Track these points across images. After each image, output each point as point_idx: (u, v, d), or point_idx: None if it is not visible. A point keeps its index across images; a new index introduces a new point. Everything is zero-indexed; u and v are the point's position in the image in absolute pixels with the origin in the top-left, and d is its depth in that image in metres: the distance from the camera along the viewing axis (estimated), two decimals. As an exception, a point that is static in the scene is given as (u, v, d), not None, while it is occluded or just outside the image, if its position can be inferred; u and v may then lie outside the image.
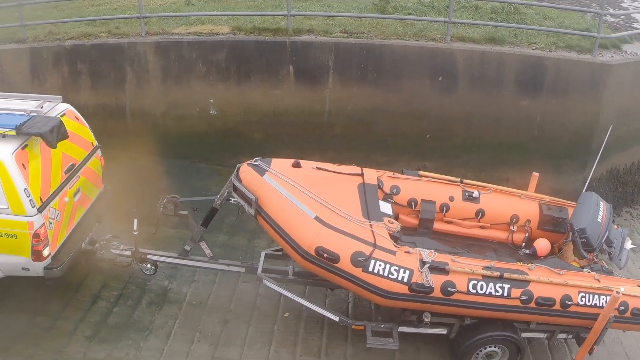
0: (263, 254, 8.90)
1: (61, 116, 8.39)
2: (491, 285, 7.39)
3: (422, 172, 9.14)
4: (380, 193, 8.56)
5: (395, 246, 7.47)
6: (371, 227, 7.64)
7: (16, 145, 7.62)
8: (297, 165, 8.33)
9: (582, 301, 7.62)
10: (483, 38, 11.90)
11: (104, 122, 11.39)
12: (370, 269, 7.24)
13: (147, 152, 11.22)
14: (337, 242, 7.34)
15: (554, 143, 11.93)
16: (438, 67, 11.49)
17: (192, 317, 8.90)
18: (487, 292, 7.39)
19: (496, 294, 7.41)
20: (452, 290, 7.32)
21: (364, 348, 8.49)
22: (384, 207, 8.33)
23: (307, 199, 7.75)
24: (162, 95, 11.91)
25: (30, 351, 8.09)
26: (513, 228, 8.97)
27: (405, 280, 7.26)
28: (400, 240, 7.81)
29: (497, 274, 7.41)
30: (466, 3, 13.42)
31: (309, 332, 8.80)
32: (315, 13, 12.40)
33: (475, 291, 7.37)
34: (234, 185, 8.17)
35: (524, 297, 7.45)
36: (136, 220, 8.43)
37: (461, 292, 7.35)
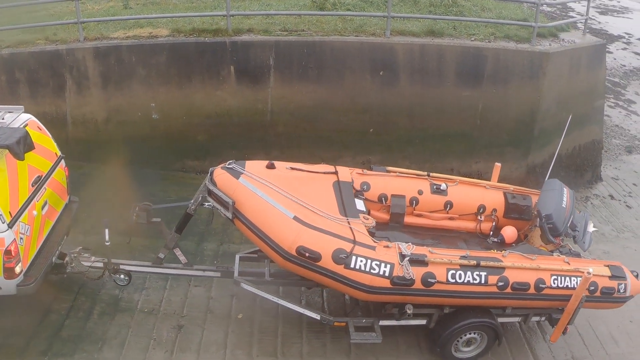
0: (237, 257, 8.80)
1: (24, 127, 8.03)
2: (469, 273, 7.56)
3: (390, 168, 9.23)
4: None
5: (374, 241, 7.56)
6: (349, 224, 7.70)
7: None
8: (272, 166, 8.31)
9: (555, 284, 7.87)
10: (422, 31, 12.04)
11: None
12: (352, 266, 7.30)
13: (90, 160, 11.05)
14: (318, 241, 7.36)
15: (497, 131, 12.13)
16: (379, 62, 11.55)
17: (146, 325, 8.73)
18: (466, 281, 7.56)
19: (474, 282, 7.59)
20: (432, 280, 7.45)
21: (320, 345, 8.57)
22: (358, 204, 8.38)
23: (285, 200, 7.74)
24: (103, 101, 11.71)
25: (-18, 372, 7.82)
26: (480, 218, 9.20)
27: (386, 274, 7.34)
28: (375, 235, 7.88)
29: (474, 263, 7.59)
30: (405, -3, 13.52)
31: (264, 332, 8.75)
32: (254, 12, 12.33)
33: (454, 280, 7.53)
34: (209, 189, 8.08)
35: (501, 284, 7.65)
36: (107, 230, 8.18)
37: (441, 282, 7.49)
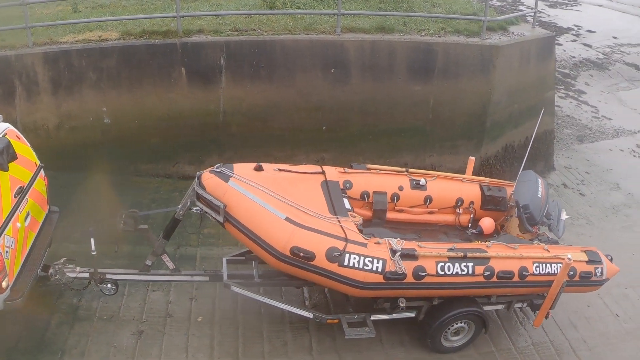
0: (225, 261, 8.81)
1: (3, 136, 7.83)
2: (457, 265, 7.80)
3: (370, 165, 9.42)
4: None
5: (365, 239, 7.70)
6: (340, 223, 7.83)
7: None
8: (260, 168, 8.35)
9: (537, 270, 8.19)
10: (373, 28, 12.11)
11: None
12: (345, 263, 7.42)
13: (44, 167, 10.87)
14: (311, 240, 7.46)
15: (449, 125, 12.28)
16: (330, 59, 11.61)
17: (105, 332, 8.64)
18: (454, 272, 7.78)
19: (462, 273, 7.82)
20: (423, 274, 7.63)
21: (281, 344, 8.63)
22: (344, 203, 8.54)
23: (275, 201, 7.79)
24: (54, 107, 11.52)
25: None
26: (459, 210, 9.50)
27: (379, 269, 7.49)
28: (362, 233, 8.01)
29: (462, 255, 7.81)
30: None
31: (224, 334, 8.74)
32: (204, 13, 12.26)
33: (443, 272, 7.74)
34: (198, 193, 8.06)
35: (487, 273, 7.91)
36: (93, 239, 8.11)
37: (431, 275, 7.68)
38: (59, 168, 11.01)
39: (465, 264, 7.81)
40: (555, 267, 8.25)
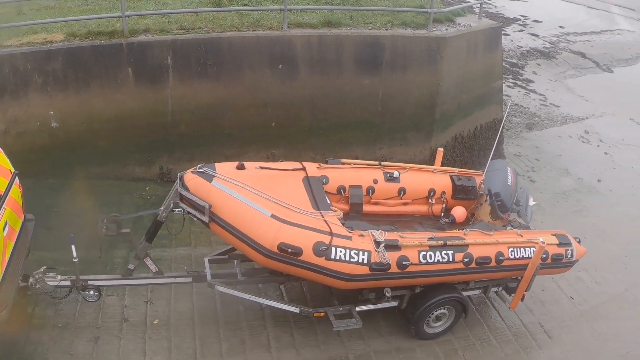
0: (207, 261, 8.82)
1: None
2: (438, 253, 8.04)
3: (345, 160, 9.58)
4: None
5: (349, 232, 7.82)
6: (323, 217, 7.94)
7: None
8: (242, 167, 8.37)
9: (512, 255, 8.53)
10: (320, 22, 12.15)
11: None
12: (332, 257, 7.55)
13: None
14: (298, 236, 7.55)
15: (399, 117, 12.43)
16: (277, 55, 11.61)
17: (61, 340, 8.48)
18: (436, 260, 8.03)
19: (443, 261, 8.08)
20: (407, 263, 7.82)
21: (239, 342, 8.63)
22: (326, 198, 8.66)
23: (260, 199, 7.84)
24: (0, 112, 11.34)
25: None
26: (432, 201, 9.74)
27: (365, 261, 7.65)
28: (344, 226, 8.12)
29: (442, 243, 8.04)
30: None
31: (181, 336, 8.71)
32: (150, 12, 12.12)
33: (425, 261, 7.98)
34: (181, 194, 8.02)
35: (466, 260, 8.20)
36: (74, 246, 7.90)
37: (414, 264, 7.89)
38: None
39: (445, 252, 8.06)
40: (529, 251, 8.61)
